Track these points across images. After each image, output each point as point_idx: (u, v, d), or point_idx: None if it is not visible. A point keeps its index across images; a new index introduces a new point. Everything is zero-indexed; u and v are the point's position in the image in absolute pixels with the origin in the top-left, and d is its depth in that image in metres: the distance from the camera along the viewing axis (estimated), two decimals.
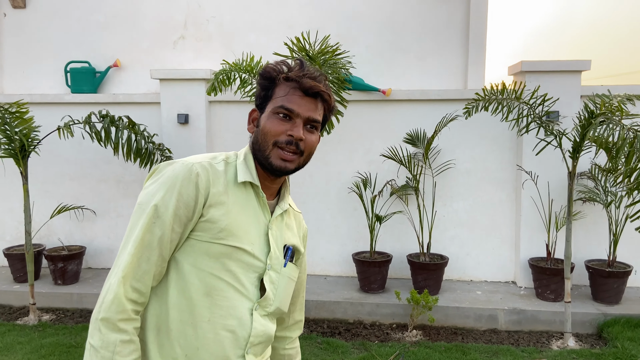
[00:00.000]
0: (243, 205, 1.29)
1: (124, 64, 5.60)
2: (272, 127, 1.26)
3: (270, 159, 1.27)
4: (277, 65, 1.31)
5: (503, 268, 4.95)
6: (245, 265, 1.27)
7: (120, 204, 5.33)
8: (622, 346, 3.73)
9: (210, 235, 1.23)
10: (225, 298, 1.24)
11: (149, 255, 1.19)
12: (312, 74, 1.28)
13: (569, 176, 3.78)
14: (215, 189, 1.24)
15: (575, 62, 4.49)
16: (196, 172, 1.22)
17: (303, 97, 1.27)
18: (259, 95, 1.32)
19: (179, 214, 1.20)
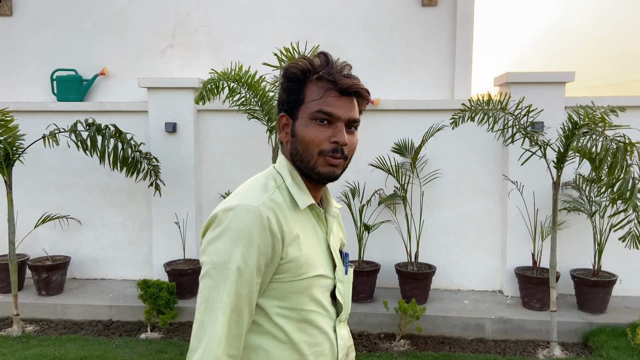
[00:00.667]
0: (307, 228, 1.22)
1: (112, 72, 5.58)
2: (313, 136, 1.18)
3: (317, 169, 1.19)
4: (302, 63, 1.20)
5: (490, 277, 4.98)
6: (323, 288, 1.23)
7: (106, 214, 5.28)
8: (608, 355, 3.76)
9: (292, 274, 1.17)
10: (317, 327, 1.22)
11: (238, 318, 1.12)
12: (342, 69, 1.19)
13: (553, 186, 3.82)
14: (287, 227, 1.15)
15: (559, 73, 4.57)
16: (266, 217, 1.12)
17: (340, 97, 1.18)
18: (285, 100, 1.22)
19: (260, 266, 1.12)
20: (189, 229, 5.03)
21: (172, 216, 5.03)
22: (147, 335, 4.28)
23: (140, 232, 5.27)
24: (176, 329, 4.42)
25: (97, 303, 4.69)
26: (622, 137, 3.31)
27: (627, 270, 4.80)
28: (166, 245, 5.06)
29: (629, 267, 4.79)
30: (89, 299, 4.77)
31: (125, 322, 4.59)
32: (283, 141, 1.26)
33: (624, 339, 3.95)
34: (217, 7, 5.45)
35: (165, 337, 4.27)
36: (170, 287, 4.30)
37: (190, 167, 5.02)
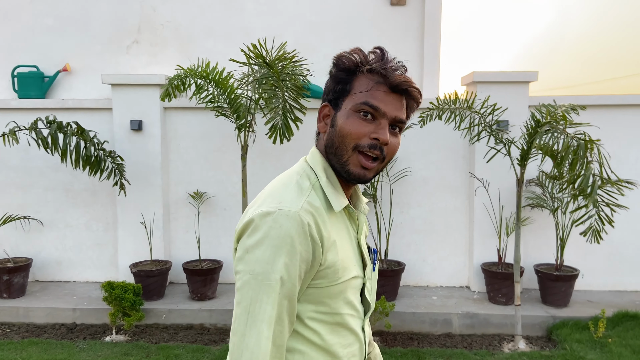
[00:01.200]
0: (341, 230, 1.17)
1: (75, 68, 5.43)
2: (353, 128, 1.10)
3: (348, 166, 1.12)
4: (360, 54, 1.15)
5: (458, 273, 5.05)
6: (355, 289, 1.19)
7: (69, 214, 5.13)
8: (571, 348, 3.86)
9: (330, 279, 1.12)
10: (347, 328, 1.18)
11: (282, 329, 1.07)
12: (397, 66, 1.13)
13: (517, 183, 3.90)
14: (326, 231, 1.10)
15: (523, 73, 4.66)
16: (307, 223, 1.06)
17: (389, 93, 1.11)
18: (331, 90, 1.16)
19: (301, 275, 1.08)
20: (156, 229, 4.94)
21: (138, 216, 4.93)
22: (112, 338, 4.19)
23: (105, 233, 5.14)
24: (142, 331, 4.33)
25: (61, 306, 4.56)
26: (582, 134, 3.39)
27: (589, 265, 4.93)
28: (132, 246, 4.96)
29: (591, 261, 4.93)
30: (52, 302, 4.64)
31: (90, 325, 4.48)
32: (321, 132, 1.19)
33: (586, 332, 4.06)
34: (185, 3, 5.36)
35: (131, 339, 4.18)
36: (136, 288, 4.21)
37: (157, 166, 4.93)
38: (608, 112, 4.83)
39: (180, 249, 5.10)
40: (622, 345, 3.85)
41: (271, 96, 3.62)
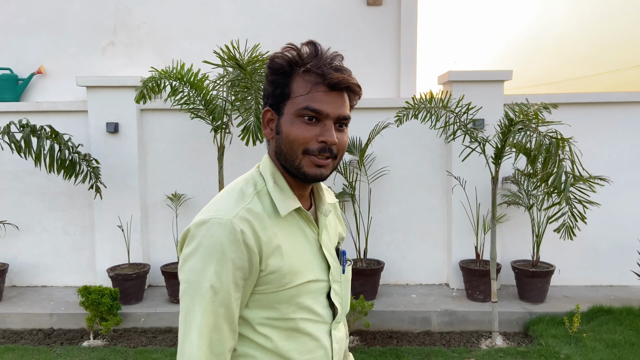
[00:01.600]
0: (293, 234, 1.14)
1: (49, 70, 5.36)
2: (299, 134, 1.09)
3: (303, 169, 1.10)
4: (288, 53, 1.10)
5: (437, 271, 5.09)
6: (314, 293, 1.16)
7: (46, 218, 5.07)
8: (546, 343, 3.91)
9: (276, 285, 1.10)
10: (307, 334, 1.15)
11: (220, 337, 1.06)
12: (333, 60, 1.10)
13: (492, 181, 3.94)
14: (265, 237, 1.08)
15: (498, 72, 4.71)
16: (240, 230, 1.05)
17: (329, 92, 1.08)
18: (270, 94, 1.13)
19: (237, 281, 1.06)
20: (134, 232, 4.90)
21: (115, 219, 4.89)
22: (89, 343, 4.15)
23: (83, 237, 5.09)
24: (120, 336, 4.30)
25: (38, 311, 4.50)
26: (554, 132, 3.44)
27: (565, 261, 5.01)
28: (110, 249, 4.91)
29: (567, 257, 5.00)
30: (29, 307, 4.58)
31: (67, 330, 4.43)
32: (268, 138, 1.18)
33: (562, 327, 4.11)
34: (160, 3, 5.32)
35: (109, 344, 4.15)
36: (113, 292, 4.17)
37: (134, 168, 4.88)
38: (582, 110, 4.90)
39: (159, 252, 5.07)
40: (596, 340, 3.91)
41: (244, 97, 3.61)
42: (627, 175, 4.94)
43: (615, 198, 4.94)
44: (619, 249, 4.96)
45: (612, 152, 4.94)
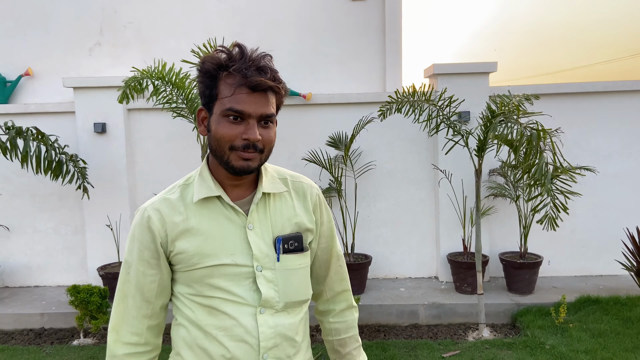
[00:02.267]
0: (211, 220, 1.25)
1: (37, 72, 5.39)
2: (224, 132, 1.18)
3: (231, 163, 1.20)
4: (216, 56, 1.19)
5: (426, 264, 5.10)
6: (233, 276, 1.24)
7: (37, 219, 5.11)
8: (532, 334, 3.92)
9: (185, 264, 1.25)
10: (224, 313, 1.24)
11: (133, 303, 1.28)
12: (257, 62, 1.17)
13: (475, 173, 3.94)
14: (172, 223, 1.24)
15: (483, 64, 4.70)
16: (147, 217, 1.26)
17: (251, 93, 1.17)
18: (202, 94, 1.22)
19: (145, 258, 1.26)
20: (124, 231, 4.93)
21: (105, 219, 4.92)
22: (79, 341, 4.18)
23: (74, 237, 5.12)
24: None
25: (29, 311, 4.54)
26: (535, 124, 3.44)
27: (555, 252, 5.01)
28: (101, 248, 4.95)
29: (557, 248, 5.01)
30: (20, 308, 4.62)
31: (58, 329, 4.47)
32: (202, 135, 1.29)
33: (549, 318, 4.12)
34: (145, 3, 5.33)
35: (99, 342, 4.18)
36: (102, 291, 4.20)
37: (122, 168, 4.91)
38: (569, 100, 4.89)
39: None
40: (582, 330, 3.92)
41: None
42: (614, 165, 4.93)
43: (603, 188, 4.94)
44: (608, 239, 4.96)
45: (600, 142, 4.94)
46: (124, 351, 1.28)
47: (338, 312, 1.48)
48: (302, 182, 1.39)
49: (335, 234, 1.46)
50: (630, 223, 4.93)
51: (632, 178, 4.93)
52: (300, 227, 1.33)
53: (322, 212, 1.41)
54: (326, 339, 1.52)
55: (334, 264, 1.45)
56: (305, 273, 1.35)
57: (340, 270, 1.47)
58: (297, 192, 1.37)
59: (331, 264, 1.45)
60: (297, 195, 1.36)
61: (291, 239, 1.30)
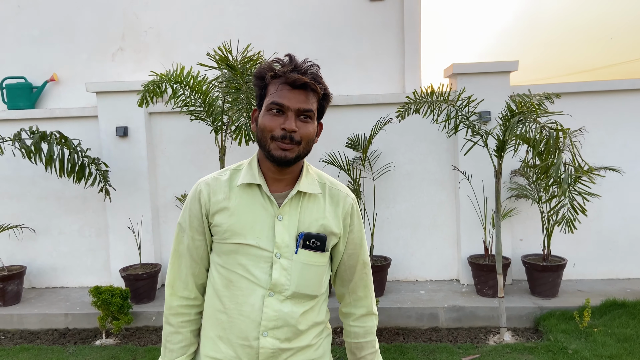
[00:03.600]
0: (248, 204, 1.42)
1: (62, 78, 5.52)
2: (267, 123, 1.35)
3: (271, 152, 1.35)
4: (269, 64, 1.39)
5: (447, 266, 5.03)
6: (254, 257, 1.40)
7: (63, 221, 5.23)
8: (555, 339, 3.83)
9: (219, 237, 1.43)
10: (239, 288, 1.41)
11: (183, 261, 1.50)
12: (300, 66, 1.35)
13: (495, 174, 3.87)
14: (216, 199, 1.44)
15: (503, 63, 4.62)
16: (199, 190, 1.47)
17: (292, 90, 1.34)
18: (257, 96, 1.42)
19: (194, 225, 1.47)
20: (146, 233, 5.01)
21: (127, 221, 5.00)
22: (102, 341, 4.26)
23: (98, 239, 5.23)
24: (132, 334, 4.40)
25: (54, 312, 4.65)
26: (554, 123, 3.36)
27: (580, 254, 4.88)
28: (123, 250, 5.04)
29: (583, 250, 4.88)
30: (46, 308, 4.73)
31: (82, 329, 4.57)
32: (253, 131, 1.45)
33: (572, 322, 4.02)
34: (166, 8, 5.41)
35: (121, 342, 4.26)
36: (124, 292, 4.28)
37: (143, 171, 4.99)
38: (593, 99, 4.76)
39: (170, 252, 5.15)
40: (607, 335, 3.81)
41: (235, 98, 3.64)
42: None
43: (631, 189, 4.79)
44: (636, 241, 4.81)
45: (626, 142, 4.79)
46: (178, 303, 1.50)
47: (358, 317, 1.60)
48: (339, 190, 1.53)
49: (364, 243, 1.58)
50: None
51: None
52: (325, 229, 1.46)
53: (352, 221, 1.53)
54: (346, 340, 1.65)
55: (359, 270, 1.57)
56: (320, 271, 1.47)
57: (364, 278, 1.59)
58: (332, 198, 1.50)
59: (356, 270, 1.57)
60: (331, 200, 1.50)
61: (314, 238, 1.43)
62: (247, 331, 1.41)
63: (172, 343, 1.50)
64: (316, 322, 1.50)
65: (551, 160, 3.31)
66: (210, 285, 1.49)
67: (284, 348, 1.43)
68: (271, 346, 1.41)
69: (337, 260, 1.56)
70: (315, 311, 1.49)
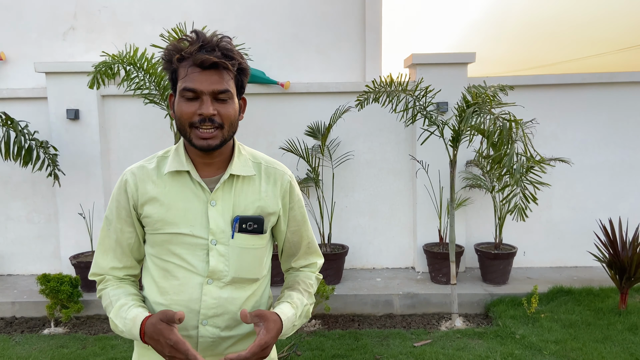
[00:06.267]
0: (178, 192, 1.35)
1: (9, 57, 5.26)
2: (183, 111, 1.27)
3: (192, 141, 1.28)
4: (174, 43, 1.29)
5: (403, 254, 5.11)
6: (189, 245, 1.34)
7: (9, 207, 5.02)
8: (504, 324, 3.94)
9: (151, 227, 1.36)
10: (176, 277, 1.35)
11: (114, 256, 1.42)
12: (208, 42, 1.25)
13: (450, 164, 3.93)
14: (143, 189, 1.36)
15: (461, 54, 4.68)
16: (125, 180, 1.39)
17: (202, 72, 1.25)
18: (170, 80, 1.33)
19: (122, 216, 1.39)
20: (98, 219, 4.86)
21: (79, 207, 4.84)
22: (50, 330, 4.13)
23: (47, 225, 5.05)
24: (83, 323, 4.28)
25: (0, 300, 4.47)
26: (507, 114, 3.43)
27: (530, 243, 5.04)
28: (74, 237, 4.88)
29: (532, 239, 5.03)
30: None
31: (29, 318, 4.41)
32: (172, 118, 1.44)
33: (521, 308, 4.15)
34: None
35: (70, 331, 4.13)
36: (74, 280, 4.15)
37: (96, 156, 4.83)
38: (546, 92, 4.89)
39: None
40: (553, 320, 3.95)
41: None
42: (590, 157, 4.95)
43: (580, 180, 4.96)
44: (583, 230, 5.00)
45: (577, 134, 4.95)
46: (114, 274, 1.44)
47: (298, 270, 1.57)
48: (275, 169, 1.46)
49: (306, 219, 1.54)
50: (605, 215, 4.97)
51: (607, 170, 4.96)
52: (263, 210, 1.40)
53: (292, 198, 1.47)
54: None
55: (304, 246, 1.54)
56: (259, 254, 1.42)
57: (309, 249, 1.56)
58: (268, 177, 1.43)
59: (301, 246, 1.54)
60: (267, 179, 1.43)
61: (250, 220, 1.37)
62: (186, 320, 1.34)
63: (116, 296, 1.38)
64: (259, 307, 1.45)
65: (504, 150, 3.39)
66: (147, 277, 1.42)
67: (224, 336, 1.38)
68: (211, 335, 1.36)
69: (280, 239, 1.51)
70: (257, 295, 1.45)
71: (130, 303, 1.36)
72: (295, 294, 1.46)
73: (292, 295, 1.45)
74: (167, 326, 1.24)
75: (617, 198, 4.99)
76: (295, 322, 1.40)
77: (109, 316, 1.37)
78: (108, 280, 1.43)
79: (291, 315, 1.38)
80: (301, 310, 1.43)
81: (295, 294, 1.46)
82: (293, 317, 1.39)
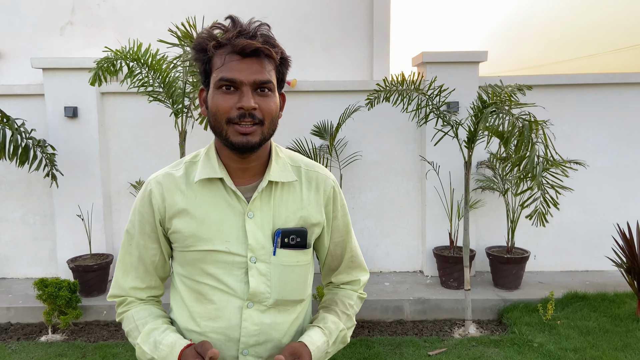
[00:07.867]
0: (211, 202, 1.19)
1: (5, 52, 5.08)
2: (219, 104, 1.11)
3: (229, 138, 1.12)
4: (209, 31, 1.14)
5: (411, 258, 4.98)
6: (225, 264, 1.18)
7: (3, 207, 4.83)
8: (519, 331, 3.82)
9: (181, 244, 1.21)
10: (211, 301, 1.19)
11: (136, 275, 1.27)
12: (247, 29, 1.11)
13: (465, 166, 3.80)
14: (171, 200, 1.20)
15: (473, 53, 4.56)
16: (149, 190, 1.23)
17: (242, 60, 1.10)
18: (201, 72, 1.17)
19: (146, 231, 1.24)
20: (97, 221, 4.69)
21: (76, 208, 4.67)
22: (47, 337, 3.96)
23: (43, 227, 4.86)
24: (81, 330, 4.12)
25: None
26: (527, 115, 3.30)
27: (541, 246, 4.93)
28: (71, 239, 4.70)
29: (543, 243, 4.92)
30: None
31: (26, 324, 4.23)
32: (203, 115, 1.27)
33: (536, 314, 4.03)
34: None
35: (69, 338, 3.96)
36: (72, 285, 3.98)
37: (95, 155, 4.66)
38: (558, 92, 4.78)
39: None
40: (570, 327, 3.84)
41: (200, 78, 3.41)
42: (603, 159, 4.85)
43: (591, 182, 4.86)
44: (595, 234, 4.90)
45: (589, 135, 4.85)
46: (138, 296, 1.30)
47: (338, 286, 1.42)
48: (317, 172, 1.29)
49: (350, 229, 1.38)
50: (617, 218, 4.86)
51: (619, 172, 4.86)
52: (306, 221, 1.25)
53: (336, 206, 1.31)
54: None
55: (346, 259, 1.38)
56: (304, 271, 1.26)
57: (352, 264, 1.40)
58: (310, 183, 1.27)
59: (344, 259, 1.38)
60: (309, 185, 1.27)
61: (293, 234, 1.22)
62: (224, 351, 1.19)
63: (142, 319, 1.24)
64: (302, 330, 1.31)
65: (524, 152, 3.26)
66: (176, 300, 1.27)
67: None
68: None
69: (323, 253, 1.36)
70: (301, 319, 1.29)
71: (162, 327, 1.21)
72: (330, 317, 1.29)
73: (327, 318, 1.29)
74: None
75: (628, 201, 4.89)
76: (328, 350, 1.25)
77: (136, 342, 1.20)
78: (130, 302, 1.28)
79: (321, 344, 1.22)
80: (336, 336, 1.27)
81: (330, 316, 1.30)
82: (324, 345, 1.23)
